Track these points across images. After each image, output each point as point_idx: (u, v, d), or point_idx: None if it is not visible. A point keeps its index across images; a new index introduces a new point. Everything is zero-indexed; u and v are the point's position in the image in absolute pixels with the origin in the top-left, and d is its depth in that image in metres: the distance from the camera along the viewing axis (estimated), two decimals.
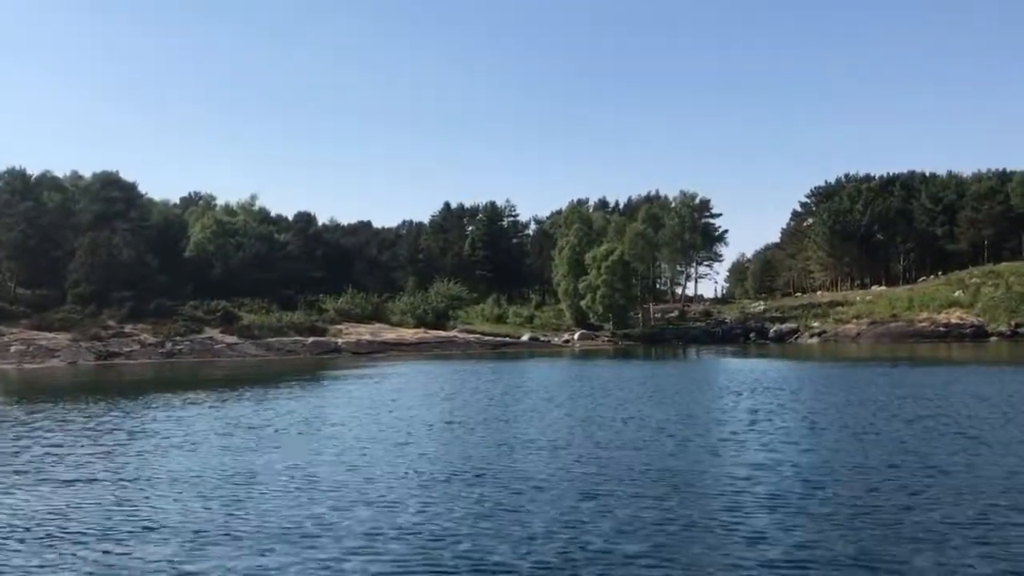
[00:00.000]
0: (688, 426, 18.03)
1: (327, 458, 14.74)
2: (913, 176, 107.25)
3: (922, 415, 18.94)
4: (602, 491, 11.45)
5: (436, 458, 14.61)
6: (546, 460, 14.10)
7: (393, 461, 14.32)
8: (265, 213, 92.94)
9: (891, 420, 18.26)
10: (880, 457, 13.69)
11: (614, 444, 15.68)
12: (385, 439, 17.03)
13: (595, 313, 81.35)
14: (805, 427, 17.69)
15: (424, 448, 15.79)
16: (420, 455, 14.98)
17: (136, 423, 20.29)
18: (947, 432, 16.31)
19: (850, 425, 17.66)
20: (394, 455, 15.00)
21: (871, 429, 17.02)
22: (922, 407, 20.40)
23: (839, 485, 11.63)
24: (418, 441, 16.74)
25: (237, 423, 19.90)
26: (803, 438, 16.14)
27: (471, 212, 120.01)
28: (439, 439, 17.08)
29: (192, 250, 79.77)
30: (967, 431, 16.35)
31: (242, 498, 11.43)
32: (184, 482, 12.73)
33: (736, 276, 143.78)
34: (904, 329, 70.20)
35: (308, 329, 59.70)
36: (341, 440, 16.94)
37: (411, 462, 14.19)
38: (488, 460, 14.19)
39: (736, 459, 13.93)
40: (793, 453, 14.31)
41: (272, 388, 30.27)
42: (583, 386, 28.94)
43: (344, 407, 23.35)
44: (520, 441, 16.29)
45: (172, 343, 55.42)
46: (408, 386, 30.79)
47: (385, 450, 15.62)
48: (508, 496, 11.26)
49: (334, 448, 15.89)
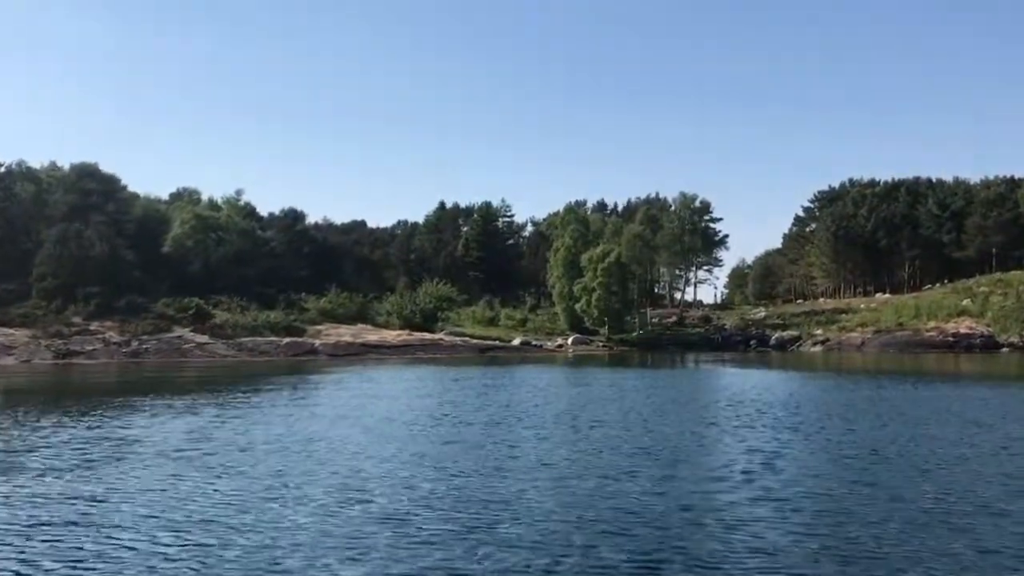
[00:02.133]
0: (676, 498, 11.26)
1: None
2: (919, 182, 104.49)
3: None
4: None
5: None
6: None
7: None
8: (250, 209, 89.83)
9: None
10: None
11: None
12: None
13: (590, 317, 78.51)
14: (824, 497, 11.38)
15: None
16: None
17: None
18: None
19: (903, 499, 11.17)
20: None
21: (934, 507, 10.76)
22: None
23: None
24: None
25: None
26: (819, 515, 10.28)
27: (466, 212, 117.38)
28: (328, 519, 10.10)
29: (171, 245, 76.66)
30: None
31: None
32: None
33: (736, 282, 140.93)
34: (911, 338, 67.28)
35: (284, 329, 56.68)
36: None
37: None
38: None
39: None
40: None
41: (180, 401, 24.95)
42: (554, 410, 22.61)
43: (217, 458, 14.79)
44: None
45: (139, 342, 52.38)
46: (352, 407, 23.62)
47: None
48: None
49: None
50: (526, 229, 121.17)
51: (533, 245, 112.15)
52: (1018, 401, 25.46)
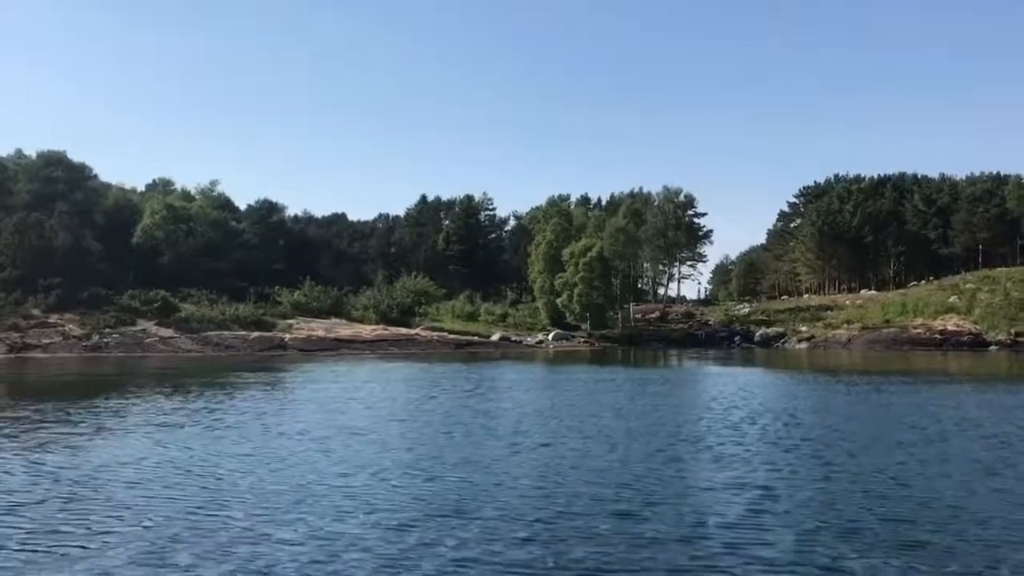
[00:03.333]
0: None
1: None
2: (904, 178, 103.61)
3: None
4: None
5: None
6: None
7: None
8: (224, 200, 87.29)
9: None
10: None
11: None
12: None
13: (572, 312, 76.89)
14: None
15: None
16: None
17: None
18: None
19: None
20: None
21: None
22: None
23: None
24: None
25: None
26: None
27: (448, 205, 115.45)
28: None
29: (140, 237, 74.14)
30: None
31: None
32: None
33: (720, 278, 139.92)
34: (898, 336, 66.09)
35: (253, 323, 54.49)
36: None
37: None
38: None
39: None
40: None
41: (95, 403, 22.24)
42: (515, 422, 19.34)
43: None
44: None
45: (100, 336, 50.07)
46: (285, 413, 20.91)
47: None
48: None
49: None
50: (509, 223, 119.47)
51: (515, 239, 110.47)
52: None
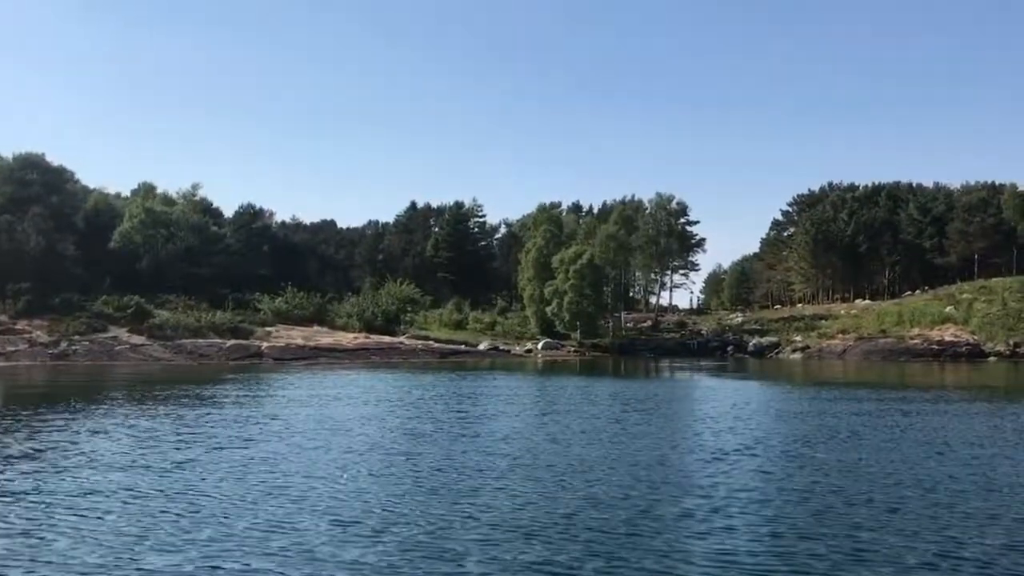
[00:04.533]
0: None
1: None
2: (899, 186, 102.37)
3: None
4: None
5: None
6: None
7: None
8: (207, 204, 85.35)
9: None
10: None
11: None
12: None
13: (561, 321, 75.15)
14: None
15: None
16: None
17: None
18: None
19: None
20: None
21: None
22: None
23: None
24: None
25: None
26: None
27: (438, 212, 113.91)
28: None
29: (118, 241, 72.11)
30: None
31: None
32: None
33: (712, 287, 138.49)
34: (894, 346, 64.59)
35: (230, 331, 52.55)
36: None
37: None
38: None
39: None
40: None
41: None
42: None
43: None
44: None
45: (68, 343, 48.07)
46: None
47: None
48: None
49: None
50: (499, 231, 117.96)
51: (505, 247, 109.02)
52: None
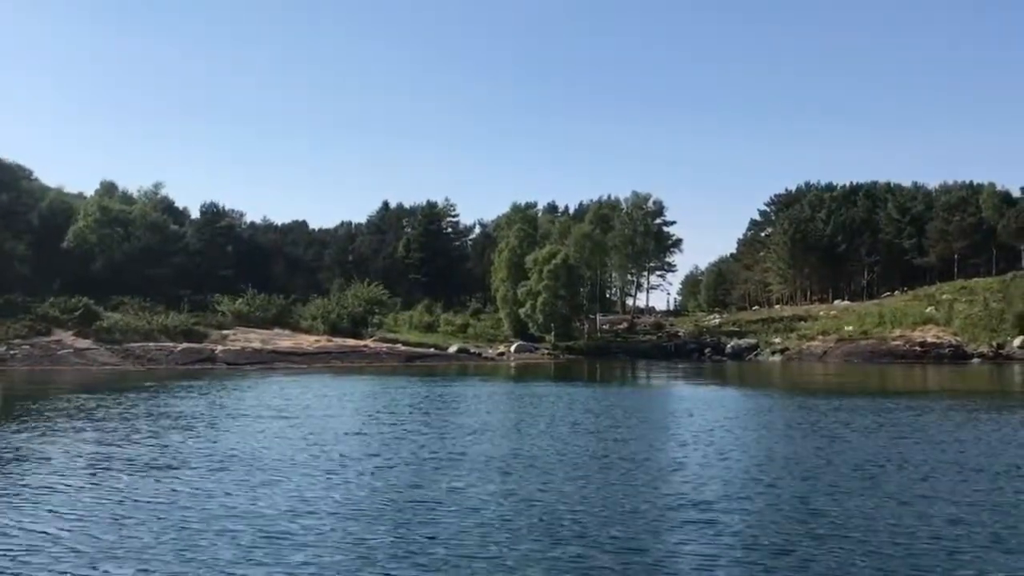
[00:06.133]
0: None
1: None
2: (877, 186, 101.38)
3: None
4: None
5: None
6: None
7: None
8: (168, 203, 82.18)
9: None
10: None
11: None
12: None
13: (535, 323, 72.86)
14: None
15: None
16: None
17: None
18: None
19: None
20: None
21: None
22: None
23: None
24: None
25: None
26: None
27: (411, 213, 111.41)
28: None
29: (72, 240, 68.90)
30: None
31: None
32: None
33: (689, 289, 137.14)
34: (876, 347, 63.00)
35: (183, 334, 49.78)
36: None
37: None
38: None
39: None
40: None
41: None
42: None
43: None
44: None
45: (7, 347, 45.03)
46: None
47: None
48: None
49: None
50: (474, 231, 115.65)
51: (480, 248, 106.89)
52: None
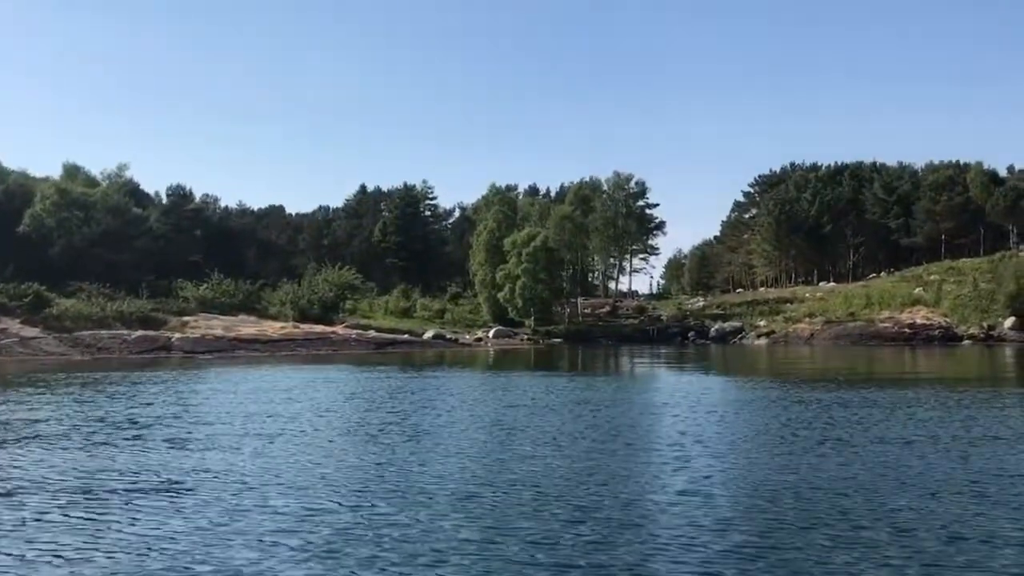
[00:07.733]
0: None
1: None
2: (863, 166, 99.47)
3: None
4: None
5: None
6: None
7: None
8: (132, 186, 78.90)
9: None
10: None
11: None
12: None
13: (514, 307, 70.66)
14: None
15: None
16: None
17: None
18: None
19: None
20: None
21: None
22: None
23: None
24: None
25: None
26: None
27: (388, 196, 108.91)
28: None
29: (28, 224, 65.74)
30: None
31: None
32: None
33: (672, 272, 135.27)
34: (864, 330, 61.31)
35: (139, 321, 47.14)
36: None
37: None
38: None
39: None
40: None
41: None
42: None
43: None
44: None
45: None
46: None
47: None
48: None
49: None
50: (453, 215, 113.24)
51: (459, 231, 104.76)
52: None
